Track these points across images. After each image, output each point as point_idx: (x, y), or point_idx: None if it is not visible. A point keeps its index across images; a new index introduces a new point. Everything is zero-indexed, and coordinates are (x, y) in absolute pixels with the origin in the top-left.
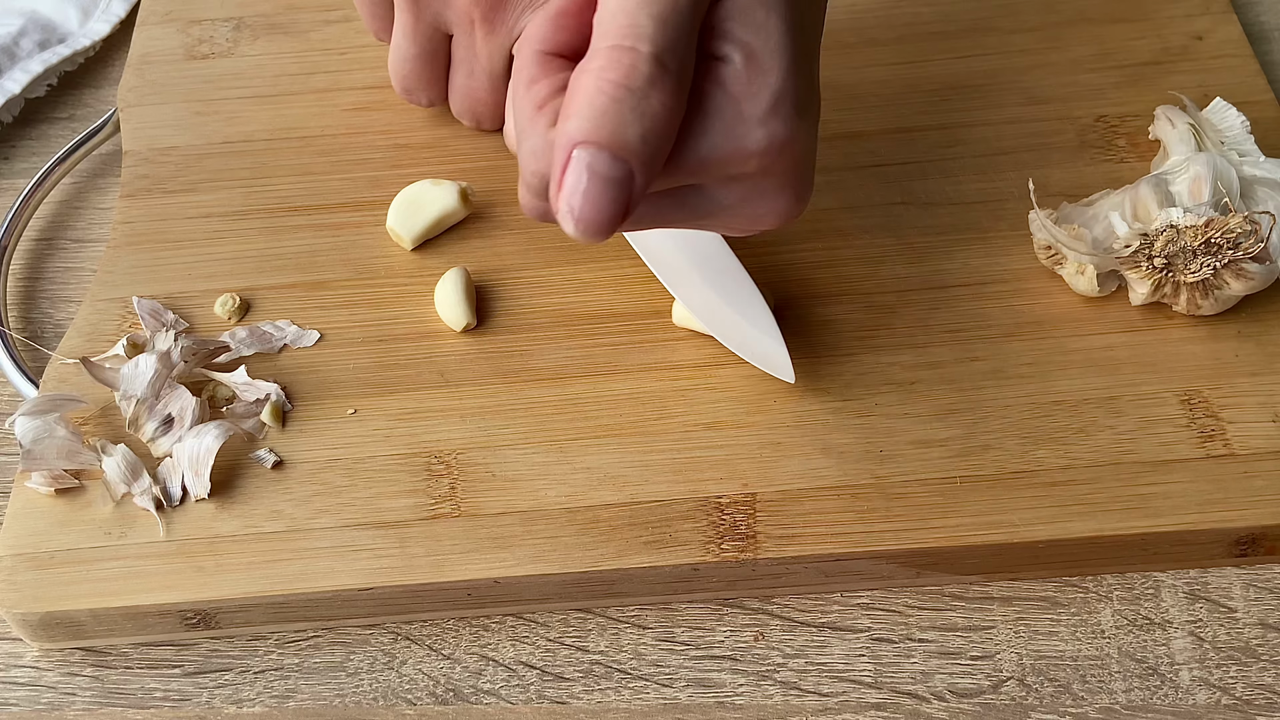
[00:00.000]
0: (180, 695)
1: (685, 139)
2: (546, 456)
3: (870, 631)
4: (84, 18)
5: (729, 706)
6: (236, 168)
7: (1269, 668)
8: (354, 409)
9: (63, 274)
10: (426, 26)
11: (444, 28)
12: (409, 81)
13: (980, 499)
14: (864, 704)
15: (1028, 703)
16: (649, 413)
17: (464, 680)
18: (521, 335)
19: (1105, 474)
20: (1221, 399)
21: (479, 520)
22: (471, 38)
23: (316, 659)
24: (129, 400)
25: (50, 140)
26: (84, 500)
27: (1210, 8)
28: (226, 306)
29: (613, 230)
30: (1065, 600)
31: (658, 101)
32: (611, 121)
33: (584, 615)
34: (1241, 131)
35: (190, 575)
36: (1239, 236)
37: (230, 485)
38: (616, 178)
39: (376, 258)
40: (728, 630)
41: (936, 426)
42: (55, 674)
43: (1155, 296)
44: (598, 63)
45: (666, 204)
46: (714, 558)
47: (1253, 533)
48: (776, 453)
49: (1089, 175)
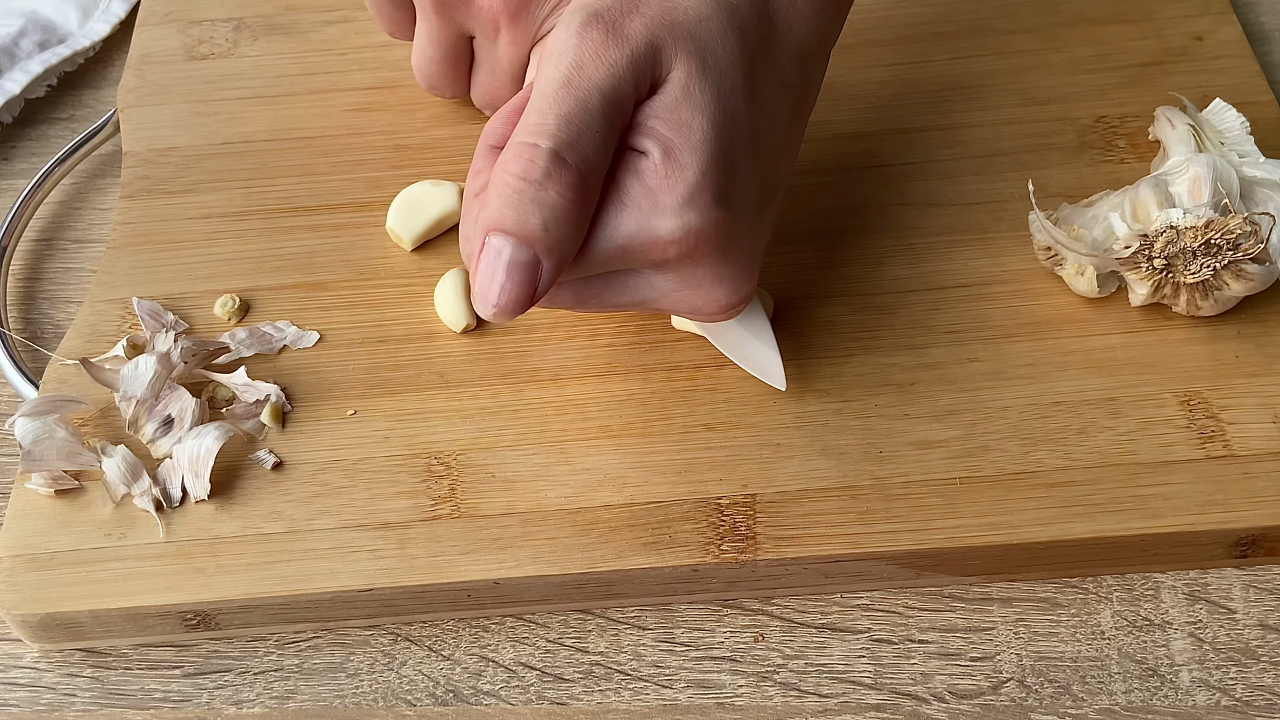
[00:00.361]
0: (180, 696)
1: (602, 225)
2: (546, 457)
3: (870, 632)
4: (84, 18)
5: (729, 707)
6: (236, 168)
7: (1269, 669)
8: (354, 410)
9: (63, 274)
10: (450, 33)
11: (467, 31)
12: (434, 80)
13: (980, 500)
14: (864, 705)
15: (1028, 704)
16: (649, 413)
17: (464, 681)
18: (521, 335)
19: (1105, 475)
20: (1221, 400)
21: (479, 521)
22: (495, 41)
23: (316, 660)
24: (129, 401)
25: (50, 140)
26: (84, 501)
27: (1210, 8)
28: (226, 307)
29: (520, 310)
30: (1065, 601)
31: (555, 192)
32: (513, 210)
33: (584, 616)
34: (1241, 132)
35: (190, 576)
36: (1239, 237)
37: (230, 486)
38: (521, 262)
39: (376, 258)
40: (727, 631)
41: (936, 427)
42: (55, 675)
43: (1155, 297)
44: (505, 156)
45: (603, 286)
46: (714, 559)
47: (1253, 533)
48: (776, 454)
49: (1089, 176)
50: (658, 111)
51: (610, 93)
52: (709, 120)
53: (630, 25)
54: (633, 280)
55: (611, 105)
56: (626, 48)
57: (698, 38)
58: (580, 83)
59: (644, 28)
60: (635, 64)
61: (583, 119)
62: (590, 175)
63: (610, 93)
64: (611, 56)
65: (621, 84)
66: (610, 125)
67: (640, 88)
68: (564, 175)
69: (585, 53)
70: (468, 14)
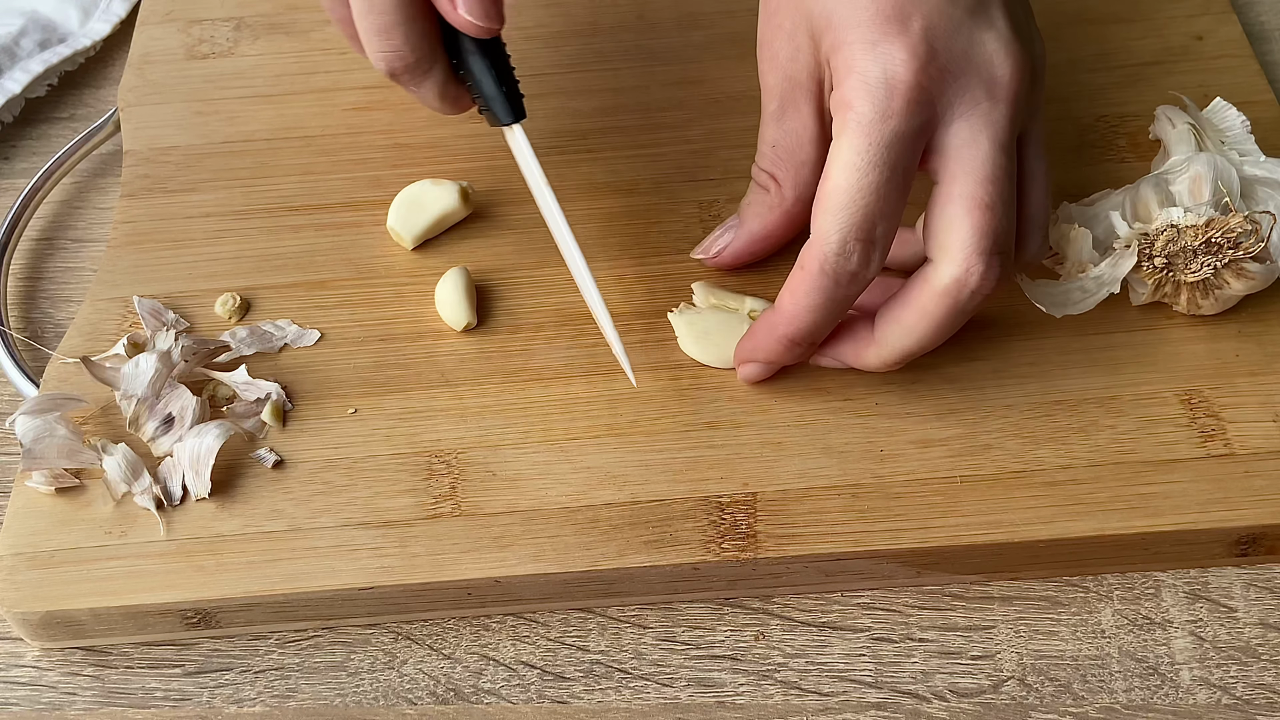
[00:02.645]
0: (181, 695)
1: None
2: (547, 456)
3: (871, 631)
4: (84, 18)
5: (729, 706)
6: (237, 167)
7: (1269, 667)
8: (354, 408)
9: (63, 274)
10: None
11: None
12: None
13: (981, 498)
14: (864, 703)
15: (1028, 702)
16: (649, 412)
17: (464, 680)
18: (521, 335)
19: (1106, 473)
20: (1222, 399)
21: (479, 520)
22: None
23: (317, 658)
24: (129, 400)
25: (50, 140)
26: (84, 499)
27: (1210, 8)
28: (227, 306)
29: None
30: (1065, 600)
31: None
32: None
33: (584, 615)
34: (1242, 131)
35: (191, 574)
36: (1239, 236)
37: (231, 485)
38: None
39: (377, 257)
40: (728, 630)
41: (937, 426)
42: (56, 673)
43: (1155, 296)
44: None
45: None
46: (714, 557)
47: (1253, 532)
48: (777, 452)
49: (1089, 175)
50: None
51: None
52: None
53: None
54: None
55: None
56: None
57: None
58: None
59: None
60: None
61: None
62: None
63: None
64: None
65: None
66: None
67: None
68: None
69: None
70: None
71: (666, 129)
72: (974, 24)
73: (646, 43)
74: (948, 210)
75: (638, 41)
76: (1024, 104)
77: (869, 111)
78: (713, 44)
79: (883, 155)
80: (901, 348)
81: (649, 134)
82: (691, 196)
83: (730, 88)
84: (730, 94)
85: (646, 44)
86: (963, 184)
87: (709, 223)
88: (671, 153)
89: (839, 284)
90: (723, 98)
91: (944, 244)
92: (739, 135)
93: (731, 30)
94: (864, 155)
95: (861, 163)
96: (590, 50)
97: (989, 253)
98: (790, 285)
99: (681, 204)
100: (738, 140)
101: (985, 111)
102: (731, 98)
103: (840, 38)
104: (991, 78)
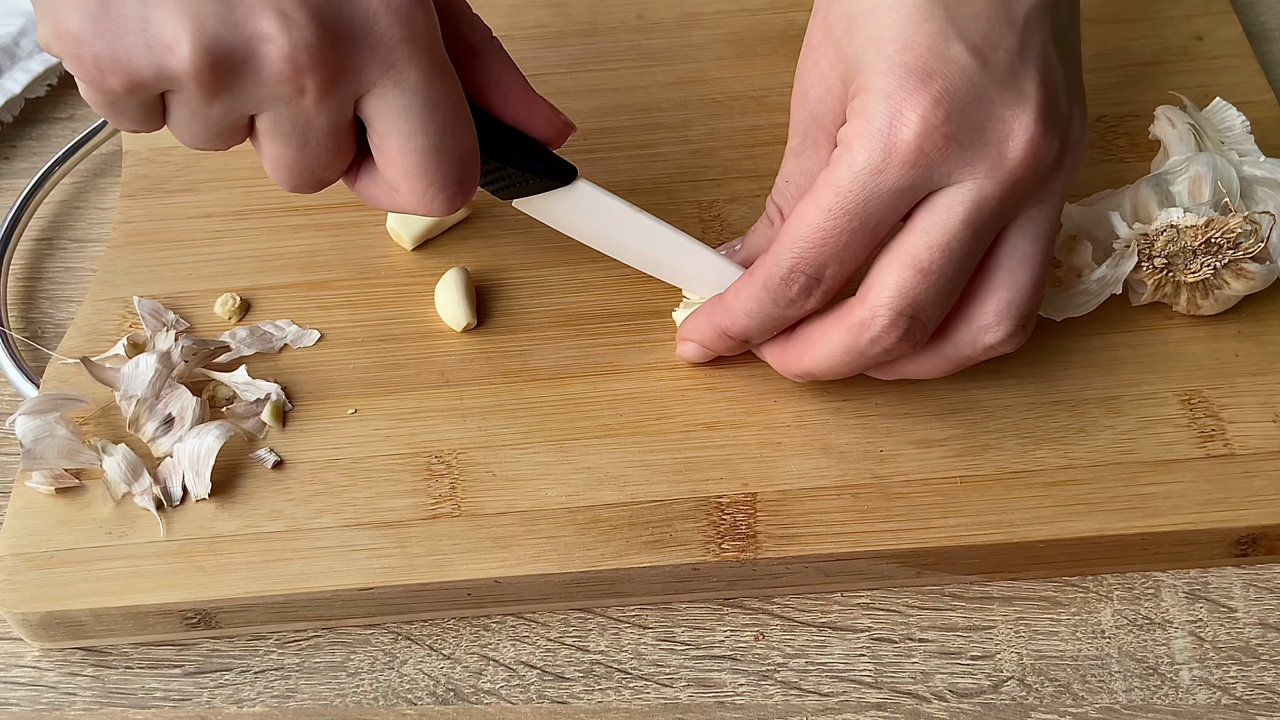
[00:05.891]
0: (180, 695)
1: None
2: (547, 456)
3: (870, 631)
4: None
5: (729, 706)
6: (237, 167)
7: (1269, 667)
8: (354, 409)
9: (63, 274)
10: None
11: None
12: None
13: (980, 499)
14: (864, 704)
15: (1028, 702)
16: (649, 413)
17: (464, 680)
18: (521, 335)
19: (1105, 474)
20: (1221, 399)
21: (479, 520)
22: (301, 106)
23: (317, 659)
24: (129, 400)
25: (50, 140)
26: (84, 500)
27: (1210, 8)
28: (227, 306)
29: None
30: (1065, 600)
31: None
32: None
33: (584, 615)
34: (1241, 131)
35: (190, 575)
36: (1239, 236)
37: (231, 485)
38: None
39: (376, 258)
40: (728, 630)
41: (936, 426)
42: (56, 674)
43: (1155, 296)
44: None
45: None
46: (714, 557)
47: (1253, 532)
48: (777, 452)
49: (1089, 175)
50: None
51: None
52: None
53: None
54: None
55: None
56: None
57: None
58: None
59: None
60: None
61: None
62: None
63: None
64: None
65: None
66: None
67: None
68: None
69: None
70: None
71: (666, 129)
72: (1000, 94)
73: (646, 43)
74: (887, 257)
75: (637, 41)
76: (1028, 190)
77: (863, 161)
78: (713, 44)
79: (860, 207)
80: (803, 363)
81: (648, 134)
82: (691, 197)
83: (730, 88)
84: (730, 94)
85: (646, 44)
86: (913, 240)
87: (708, 223)
88: (671, 153)
89: (776, 304)
90: (723, 98)
91: (868, 285)
92: (739, 136)
93: (731, 30)
94: (841, 201)
95: (836, 208)
96: (590, 50)
97: (900, 313)
98: (738, 283)
99: (681, 204)
100: (737, 141)
101: (977, 187)
102: (731, 98)
103: (863, 83)
104: (1000, 156)
